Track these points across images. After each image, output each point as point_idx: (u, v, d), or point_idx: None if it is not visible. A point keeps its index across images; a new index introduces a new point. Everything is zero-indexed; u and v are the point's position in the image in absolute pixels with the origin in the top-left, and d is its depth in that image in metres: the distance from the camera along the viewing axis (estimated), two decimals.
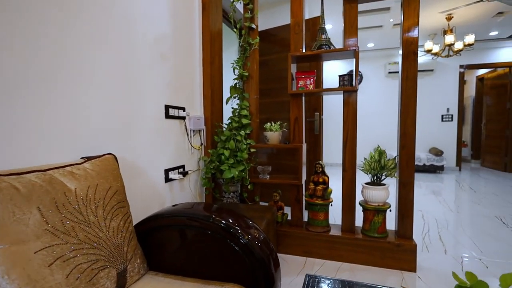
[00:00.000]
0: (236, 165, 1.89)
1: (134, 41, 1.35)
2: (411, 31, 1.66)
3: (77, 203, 0.81)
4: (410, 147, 1.75)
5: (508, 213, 2.92)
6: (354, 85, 1.77)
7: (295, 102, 1.97)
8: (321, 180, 1.97)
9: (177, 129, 1.73)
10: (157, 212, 1.08)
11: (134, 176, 1.35)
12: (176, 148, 1.72)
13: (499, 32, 4.37)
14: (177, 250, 1.05)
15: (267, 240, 1.14)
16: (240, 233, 1.01)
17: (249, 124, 2.07)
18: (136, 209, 1.33)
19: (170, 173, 1.65)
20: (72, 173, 0.86)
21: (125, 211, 0.97)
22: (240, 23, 2.02)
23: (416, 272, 1.76)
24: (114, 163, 1.03)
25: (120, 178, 1.01)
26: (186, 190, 1.85)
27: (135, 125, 1.36)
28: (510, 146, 5.32)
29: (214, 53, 2.02)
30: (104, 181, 0.93)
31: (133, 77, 1.35)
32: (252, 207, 1.88)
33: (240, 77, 2.09)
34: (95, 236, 0.82)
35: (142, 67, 1.41)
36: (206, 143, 2.02)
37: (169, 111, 1.63)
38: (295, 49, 1.93)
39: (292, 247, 2.01)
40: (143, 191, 1.43)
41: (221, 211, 1.16)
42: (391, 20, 3.83)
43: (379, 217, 1.84)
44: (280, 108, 3.02)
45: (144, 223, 1.06)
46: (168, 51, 1.62)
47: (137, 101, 1.38)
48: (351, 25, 1.79)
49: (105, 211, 0.88)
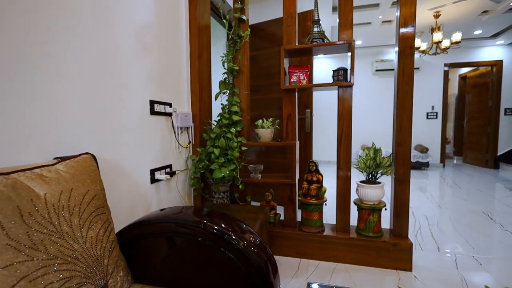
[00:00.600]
0: (227, 164, 1.80)
1: (115, 28, 1.23)
2: (408, 24, 1.61)
3: (47, 211, 0.70)
4: (407, 144, 1.71)
5: (494, 208, 2.97)
6: (349, 80, 1.71)
7: (288, 98, 1.90)
8: (315, 178, 1.90)
9: (164, 126, 1.62)
10: (142, 218, 0.97)
11: (116, 177, 1.23)
12: (163, 146, 1.61)
13: (483, 31, 4.46)
14: (166, 260, 0.95)
15: (264, 244, 1.06)
16: (234, 239, 0.93)
17: (240, 121, 1.98)
18: (118, 215, 1.22)
19: (156, 174, 1.54)
20: (42, 176, 0.74)
21: (105, 218, 0.86)
22: (230, 14, 1.92)
23: (412, 271, 1.73)
24: (93, 163, 0.91)
25: (99, 181, 0.90)
26: (174, 191, 1.74)
27: (117, 122, 1.24)
28: (491, 143, 5.48)
29: (202, 46, 1.91)
30: (80, 184, 0.81)
31: (114, 68, 1.22)
32: (244, 208, 1.79)
33: (230, 72, 1.98)
34: (69, 249, 0.71)
35: (123, 57, 1.28)
36: (195, 141, 1.91)
37: (154, 106, 1.51)
38: (288, 43, 1.84)
39: (285, 248, 1.93)
40: (127, 194, 1.31)
41: (213, 216, 1.07)
42: (380, 17, 3.82)
43: (375, 216, 1.79)
44: (269, 105, 2.94)
45: (128, 230, 0.95)
46: (152, 41, 1.50)
47: (119, 95, 1.25)
48: (346, 17, 1.73)
49: (82, 219, 0.77)
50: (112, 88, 1.21)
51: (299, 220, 2.02)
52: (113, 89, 1.22)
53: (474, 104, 6.00)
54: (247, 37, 1.91)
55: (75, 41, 1.03)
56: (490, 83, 5.43)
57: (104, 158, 1.14)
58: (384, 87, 5.79)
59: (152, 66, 1.49)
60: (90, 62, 1.09)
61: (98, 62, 1.13)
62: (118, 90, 1.25)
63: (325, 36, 1.76)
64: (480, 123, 5.77)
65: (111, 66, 1.20)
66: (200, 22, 1.88)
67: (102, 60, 1.15)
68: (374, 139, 5.91)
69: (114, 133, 1.22)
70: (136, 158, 1.38)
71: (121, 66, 1.26)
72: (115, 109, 1.23)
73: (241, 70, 1.99)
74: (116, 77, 1.24)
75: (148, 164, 1.48)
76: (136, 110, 1.38)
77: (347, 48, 1.75)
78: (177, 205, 1.78)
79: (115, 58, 1.23)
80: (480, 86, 5.76)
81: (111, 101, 1.20)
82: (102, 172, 1.08)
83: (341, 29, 1.75)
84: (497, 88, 5.32)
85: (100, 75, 1.14)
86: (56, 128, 0.96)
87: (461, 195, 3.54)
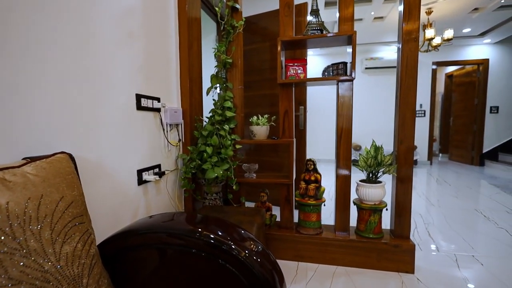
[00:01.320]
0: (220, 164, 1.68)
1: (95, 9, 1.08)
2: (412, 15, 1.54)
3: (9, 224, 0.56)
4: (409, 142, 1.64)
5: (485, 206, 2.99)
6: (350, 74, 1.63)
7: (285, 93, 1.79)
8: (313, 178, 1.81)
9: (151, 123, 1.48)
10: (128, 227, 0.84)
11: (98, 179, 1.09)
12: (151, 145, 1.47)
13: (472, 29, 4.51)
14: (155, 275, 0.83)
15: (266, 251, 0.96)
16: (234, 249, 0.82)
17: (234, 117, 1.86)
18: (101, 223, 1.08)
19: (144, 174, 1.40)
20: (3, 180, 0.61)
21: (84, 229, 0.73)
22: (222, 2, 1.79)
23: (414, 273, 1.67)
24: (69, 164, 0.78)
25: (77, 185, 0.76)
26: (163, 192, 1.61)
27: (99, 117, 1.10)
28: (477, 141, 5.59)
29: (193, 36, 1.78)
30: (53, 190, 0.68)
31: (95, 57, 1.08)
32: (239, 210, 1.68)
33: (223, 65, 1.86)
34: (37, 270, 0.58)
35: (105, 45, 1.14)
36: (185, 139, 1.78)
37: (141, 101, 1.37)
38: (285, 34, 1.74)
39: (282, 252, 1.84)
40: (111, 198, 1.17)
41: (208, 222, 0.95)
42: (372, 13, 3.78)
43: (376, 216, 1.72)
44: (260, 102, 2.83)
45: (112, 242, 0.82)
46: (137, 29, 1.36)
47: (101, 87, 1.11)
48: (346, 9, 1.64)
49: (54, 231, 0.64)
50: (93, 79, 1.07)
51: (296, 221, 1.92)
52: (95, 80, 1.07)
53: (460, 103, 6.11)
54: (241, 28, 1.79)
55: (47, 23, 0.88)
56: (477, 81, 5.52)
57: (84, 158, 1.00)
58: (373, 85, 5.80)
59: (138, 57, 1.35)
60: (68, 48, 0.95)
61: (75, 47, 0.99)
62: (100, 81, 1.11)
63: (325, 27, 1.66)
64: (466, 121, 5.88)
65: (91, 54, 1.06)
66: (190, 10, 1.74)
67: (81, 46, 1.01)
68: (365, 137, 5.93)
69: (96, 130, 1.08)
70: (121, 157, 1.24)
71: (103, 55, 1.12)
72: (97, 103, 1.09)
73: (234, 63, 1.87)
74: (97, 67, 1.09)
75: (134, 164, 1.34)
76: (121, 104, 1.23)
77: (347, 40, 1.66)
78: (167, 208, 1.65)
79: (97, 45, 1.09)
80: (467, 84, 5.86)
81: (92, 94, 1.06)
82: (82, 174, 0.94)
83: (341, 21, 1.66)
84: (483, 86, 5.42)
85: (78, 63, 1.00)
86: (26, 123, 0.81)
87: (452, 193, 3.55)
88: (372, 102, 5.81)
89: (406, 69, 1.59)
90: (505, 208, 2.91)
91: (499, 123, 5.51)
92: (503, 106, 5.43)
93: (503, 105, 5.43)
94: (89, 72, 1.05)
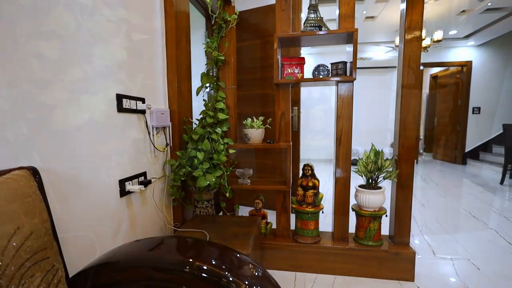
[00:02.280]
0: (213, 170, 1.54)
1: None
2: (415, 12, 1.46)
3: None
4: (411, 147, 1.56)
5: (473, 205, 3.01)
6: (351, 74, 1.53)
7: (282, 93, 1.67)
8: (310, 184, 1.71)
9: (135, 127, 1.32)
10: (106, 258, 0.70)
11: (72, 196, 0.93)
12: (135, 150, 1.31)
13: (458, 31, 4.56)
14: None
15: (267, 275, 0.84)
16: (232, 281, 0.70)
17: (227, 119, 1.72)
18: (75, 248, 0.92)
19: (127, 184, 1.24)
20: None
21: (48, 266, 0.58)
22: None
23: (414, 281, 1.60)
24: (30, 183, 0.62)
25: (40, 209, 0.61)
26: (150, 203, 1.45)
27: (72, 121, 0.94)
28: (460, 140, 5.71)
29: (181, 30, 1.62)
30: (5, 220, 0.53)
31: (65, 50, 0.92)
32: (233, 220, 1.55)
33: (215, 63, 1.72)
34: None
35: (79, 35, 0.98)
36: (173, 143, 1.63)
37: (123, 102, 1.21)
38: (281, 30, 1.62)
39: (278, 261, 1.73)
40: (88, 216, 1.01)
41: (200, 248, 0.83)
42: (364, 12, 3.73)
43: (375, 223, 1.64)
44: (251, 102, 2.71)
45: (86, 277, 0.68)
46: (118, 19, 1.20)
47: (74, 85, 0.95)
48: (347, 5, 1.54)
49: (5, 276, 0.49)
50: (63, 76, 0.90)
51: (293, 229, 1.82)
52: (65, 78, 0.91)
53: (444, 103, 6.23)
54: (234, 22, 1.65)
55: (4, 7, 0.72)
56: (460, 83, 5.63)
57: (53, 171, 0.84)
58: (363, 86, 5.79)
59: (118, 51, 1.19)
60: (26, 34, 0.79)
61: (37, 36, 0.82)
62: (73, 78, 0.94)
63: (324, 23, 1.56)
64: (450, 121, 6.00)
65: (61, 46, 0.90)
66: (178, 1, 1.59)
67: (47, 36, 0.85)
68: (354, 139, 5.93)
69: (68, 137, 0.92)
70: (99, 167, 1.08)
71: (75, 47, 0.96)
72: (69, 105, 0.93)
73: (227, 61, 1.73)
74: (69, 62, 0.93)
75: (116, 173, 1.18)
76: (99, 106, 1.08)
77: (347, 38, 1.56)
78: (154, 220, 1.50)
79: (67, 36, 0.92)
80: (450, 85, 5.98)
81: (62, 94, 0.90)
82: (51, 192, 0.79)
83: (342, 18, 1.55)
84: (466, 87, 5.53)
85: (43, 56, 0.84)
86: None
87: (440, 192, 3.58)
88: (362, 103, 5.80)
89: (408, 69, 1.51)
90: (491, 207, 2.94)
91: (480, 123, 5.64)
92: (484, 107, 5.57)
93: (484, 106, 5.56)
94: (58, 68, 0.88)
